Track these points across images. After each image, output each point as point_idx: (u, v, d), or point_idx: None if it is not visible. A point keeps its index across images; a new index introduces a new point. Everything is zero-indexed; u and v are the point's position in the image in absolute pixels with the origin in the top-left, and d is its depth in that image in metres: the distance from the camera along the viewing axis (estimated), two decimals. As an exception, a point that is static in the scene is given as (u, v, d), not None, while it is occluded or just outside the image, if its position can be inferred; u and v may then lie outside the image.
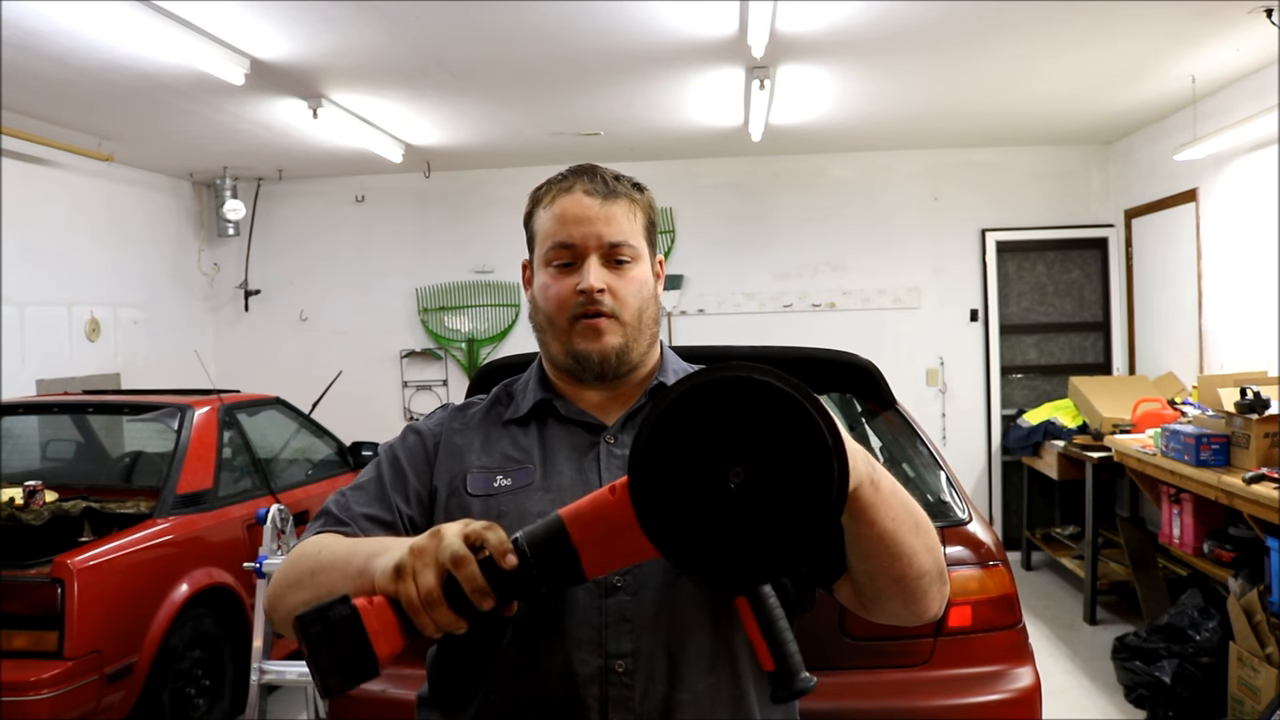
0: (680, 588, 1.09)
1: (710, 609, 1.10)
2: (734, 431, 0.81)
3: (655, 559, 0.87)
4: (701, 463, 0.81)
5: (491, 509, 1.14)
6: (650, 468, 0.82)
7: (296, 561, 1.08)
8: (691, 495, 0.81)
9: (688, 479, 0.81)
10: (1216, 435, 3.81)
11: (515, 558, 0.88)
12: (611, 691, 1.07)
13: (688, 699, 1.08)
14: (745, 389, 0.81)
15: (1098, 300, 6.35)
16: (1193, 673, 3.56)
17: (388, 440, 1.28)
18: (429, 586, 0.87)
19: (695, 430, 0.81)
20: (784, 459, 0.81)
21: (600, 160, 1.30)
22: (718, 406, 0.81)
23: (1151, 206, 5.69)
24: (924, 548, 1.05)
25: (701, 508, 0.81)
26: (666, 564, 1.00)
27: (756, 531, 0.81)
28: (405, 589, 0.87)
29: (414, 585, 0.87)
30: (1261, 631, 3.30)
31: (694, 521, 0.82)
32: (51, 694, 2.91)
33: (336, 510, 1.17)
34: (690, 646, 1.09)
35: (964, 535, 2.37)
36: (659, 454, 0.82)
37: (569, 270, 1.19)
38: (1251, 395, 3.60)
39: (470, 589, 0.86)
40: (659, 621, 1.08)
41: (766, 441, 0.81)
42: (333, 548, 1.05)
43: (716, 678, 1.10)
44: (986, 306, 6.37)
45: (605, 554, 0.90)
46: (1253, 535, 3.62)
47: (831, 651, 2.22)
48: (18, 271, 4.86)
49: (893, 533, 1.00)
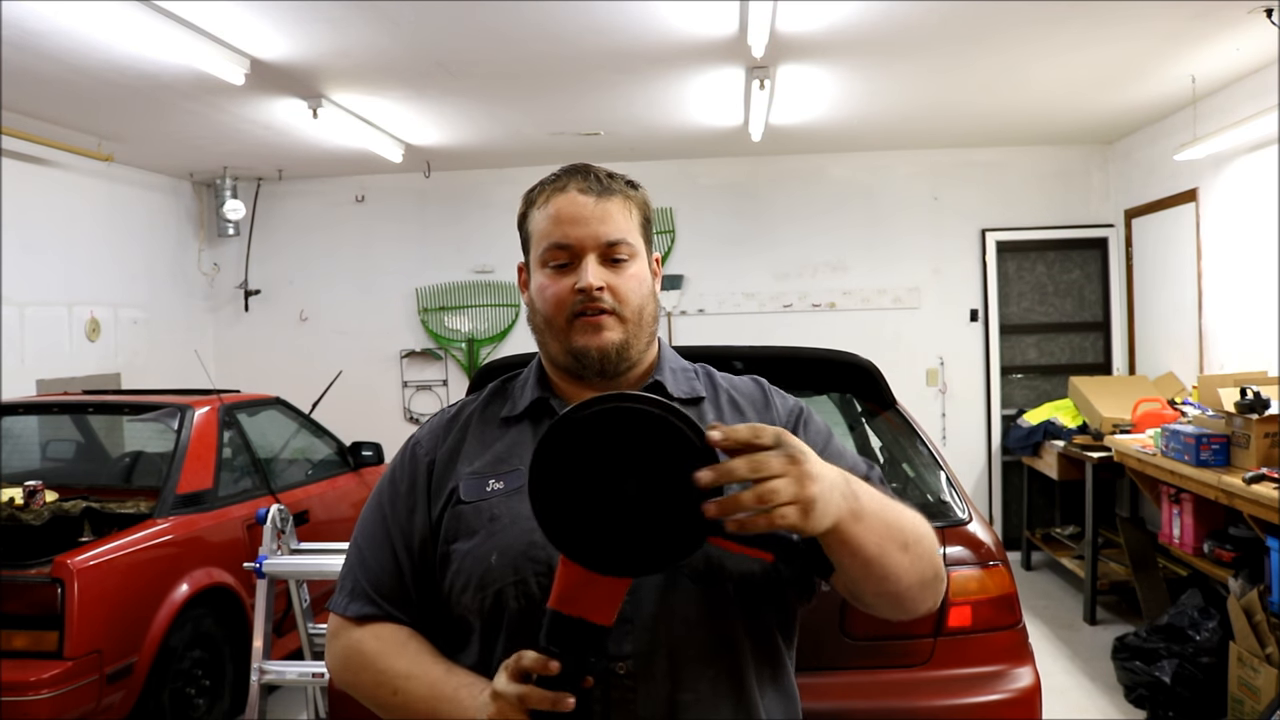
0: (679, 588, 1.09)
1: (709, 608, 1.09)
2: (620, 451, 0.92)
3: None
4: (595, 474, 0.92)
5: (484, 513, 1.15)
6: (542, 490, 0.94)
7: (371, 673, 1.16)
8: (587, 505, 0.93)
9: (579, 493, 0.93)
10: (1216, 435, 3.81)
11: (556, 662, 0.96)
12: (614, 693, 1.07)
13: (690, 698, 1.08)
14: (623, 416, 0.92)
15: (1098, 300, 6.35)
16: (1193, 673, 3.56)
17: (390, 463, 1.29)
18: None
19: (583, 453, 0.93)
20: (665, 469, 0.91)
21: (600, 160, 1.29)
22: (599, 432, 0.92)
23: (1151, 206, 5.69)
24: (914, 561, 1.05)
25: (597, 516, 0.93)
26: None
27: (649, 529, 0.92)
28: None
29: None
30: (1261, 631, 3.30)
31: (591, 527, 0.93)
32: (51, 694, 2.90)
33: (365, 582, 1.20)
34: (690, 646, 1.09)
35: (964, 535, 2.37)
36: (547, 477, 0.93)
37: (566, 270, 1.18)
38: (1251, 395, 3.60)
39: (550, 707, 0.95)
40: (658, 622, 1.08)
41: (649, 457, 0.91)
42: (409, 694, 1.11)
43: (718, 676, 1.09)
44: (986, 306, 6.37)
45: (602, 603, 0.97)
46: (1253, 535, 3.62)
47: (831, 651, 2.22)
48: (18, 271, 4.86)
49: (879, 558, 1.01)
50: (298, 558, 3.18)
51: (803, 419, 1.25)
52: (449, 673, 1.11)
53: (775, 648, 1.16)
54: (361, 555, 1.22)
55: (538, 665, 0.96)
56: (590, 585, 0.96)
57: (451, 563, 1.15)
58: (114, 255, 5.71)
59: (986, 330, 6.38)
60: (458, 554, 1.15)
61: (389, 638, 1.16)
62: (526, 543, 1.09)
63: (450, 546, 1.16)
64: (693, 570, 1.09)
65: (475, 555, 1.13)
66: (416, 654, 1.14)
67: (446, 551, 1.16)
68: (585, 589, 0.96)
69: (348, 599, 1.20)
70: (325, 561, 3.15)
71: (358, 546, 1.23)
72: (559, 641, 0.97)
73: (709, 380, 1.29)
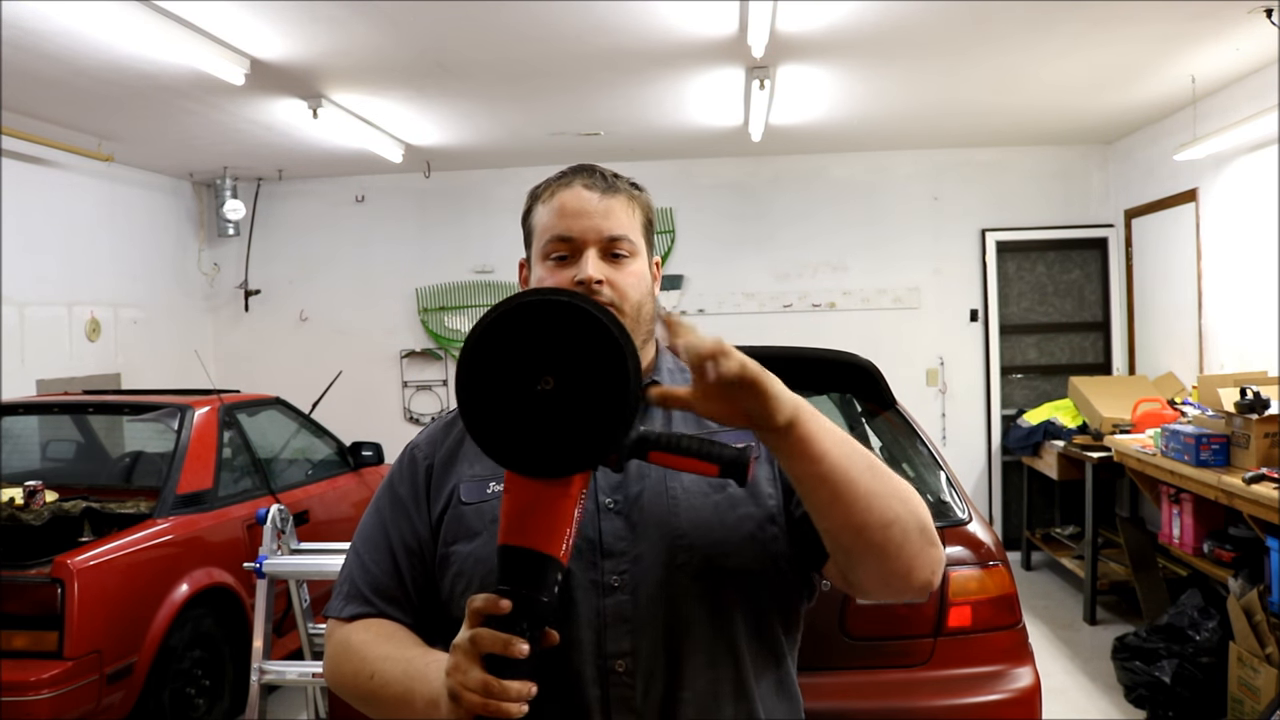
0: (677, 585, 1.09)
1: (709, 606, 1.09)
2: (542, 345, 0.94)
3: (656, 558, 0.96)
4: (514, 373, 0.94)
5: (485, 515, 1.14)
6: (470, 386, 0.95)
7: (353, 662, 1.14)
8: (509, 403, 0.94)
9: (503, 388, 0.94)
10: (1216, 435, 3.81)
11: (505, 600, 0.94)
12: (613, 692, 1.07)
13: (689, 696, 1.08)
14: (547, 309, 0.94)
15: (1098, 300, 6.35)
16: (1193, 673, 3.56)
17: (389, 470, 1.28)
18: (479, 679, 0.93)
19: (508, 346, 0.94)
20: (586, 363, 0.93)
21: (600, 160, 1.29)
22: (525, 326, 0.94)
23: (1151, 206, 5.69)
24: (886, 493, 1.00)
25: (519, 411, 0.94)
26: (663, 562, 1.08)
27: (568, 426, 0.93)
28: (469, 700, 0.93)
29: (471, 692, 0.93)
30: (1261, 631, 3.30)
31: (512, 423, 0.94)
32: (51, 694, 2.90)
33: (362, 584, 1.20)
34: (689, 643, 1.09)
35: (964, 535, 2.37)
36: (475, 369, 0.95)
37: (566, 263, 1.18)
38: (1251, 395, 3.60)
39: (501, 649, 0.92)
40: (656, 620, 1.08)
41: (571, 351, 0.93)
42: (385, 676, 1.10)
43: (717, 674, 1.09)
44: (986, 306, 6.37)
45: (546, 530, 0.96)
46: (1253, 535, 3.62)
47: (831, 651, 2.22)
48: (18, 271, 4.86)
49: (843, 470, 0.97)
50: (298, 558, 3.18)
51: None
52: (425, 652, 1.10)
53: (777, 647, 1.16)
54: (360, 560, 1.21)
55: (488, 605, 0.94)
56: (532, 507, 0.96)
57: (451, 564, 1.15)
58: (114, 255, 5.71)
59: (986, 330, 6.38)
60: (458, 556, 1.14)
61: (377, 629, 1.16)
62: None
63: (450, 548, 1.15)
64: (693, 569, 1.09)
65: (477, 557, 1.12)
66: (400, 642, 1.13)
67: (446, 553, 1.16)
68: (529, 513, 0.96)
69: (343, 602, 1.20)
70: (325, 561, 3.15)
71: (356, 552, 1.23)
72: (510, 578, 0.95)
73: None
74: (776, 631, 1.15)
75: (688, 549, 1.09)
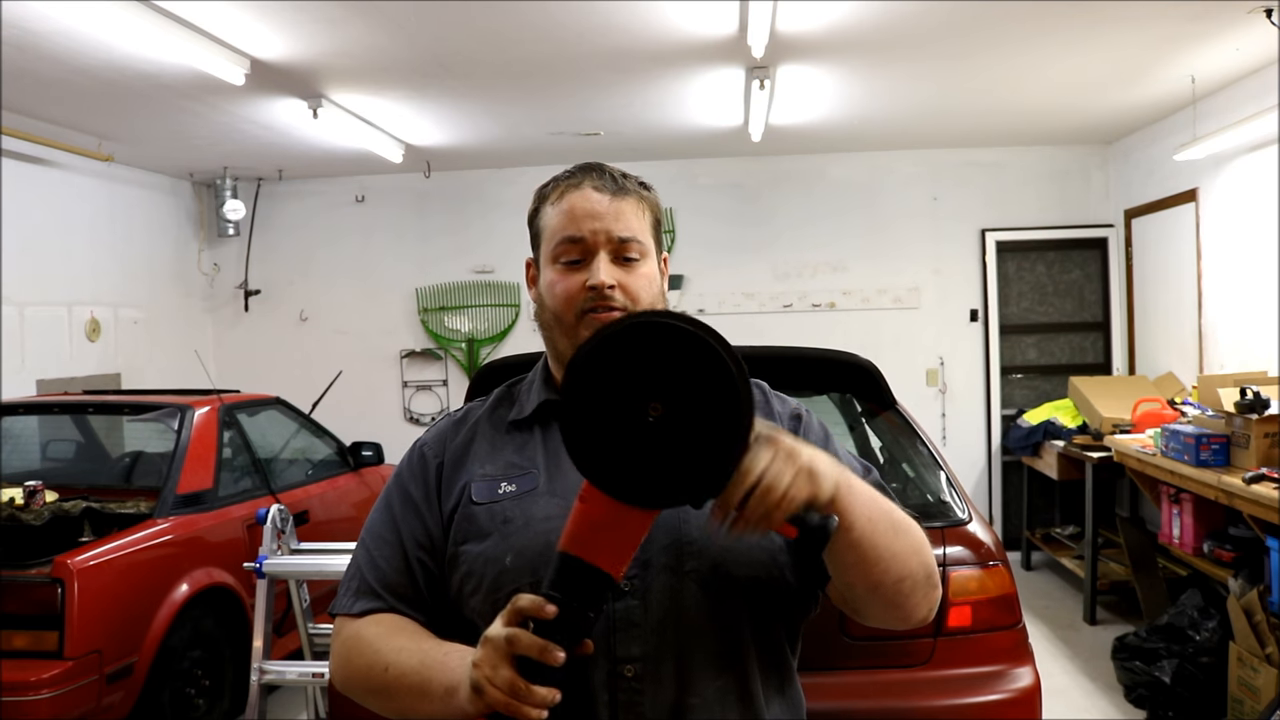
0: (685, 591, 1.09)
1: (717, 613, 1.09)
2: (652, 371, 0.89)
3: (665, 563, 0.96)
4: (623, 399, 0.89)
5: (496, 515, 1.14)
6: (576, 405, 0.91)
7: (366, 656, 1.12)
8: (615, 427, 0.90)
9: (611, 413, 0.90)
10: (1216, 435, 3.81)
11: (553, 606, 0.92)
12: (621, 696, 1.07)
13: (697, 702, 1.08)
14: (660, 333, 0.90)
15: (1098, 300, 6.35)
16: (1193, 673, 3.56)
17: (397, 466, 1.27)
18: (507, 679, 0.92)
19: (616, 370, 0.90)
20: (698, 393, 0.89)
21: (600, 160, 1.29)
22: (636, 349, 0.90)
23: (1151, 206, 5.69)
24: (905, 551, 1.05)
25: (625, 438, 0.90)
26: (672, 567, 1.08)
27: (675, 458, 0.89)
28: (493, 696, 0.92)
29: (496, 689, 0.92)
30: (1261, 631, 3.30)
31: (618, 450, 0.90)
32: (51, 694, 2.90)
33: (372, 580, 1.18)
34: (697, 649, 1.09)
35: (964, 535, 2.37)
36: (583, 392, 0.90)
37: (577, 267, 1.17)
38: (1251, 395, 3.60)
39: (537, 654, 0.91)
40: (665, 625, 1.08)
41: (682, 379, 0.89)
42: (401, 667, 1.08)
43: (724, 680, 1.09)
44: (986, 306, 6.37)
45: (614, 549, 0.94)
46: (1253, 535, 3.62)
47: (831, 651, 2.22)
48: (18, 271, 4.86)
49: (870, 536, 1.01)
50: (298, 558, 3.18)
51: (802, 422, 1.25)
52: (441, 644, 1.09)
53: (781, 652, 1.16)
54: (370, 557, 1.20)
55: (534, 607, 0.93)
56: (608, 526, 0.93)
57: (460, 565, 1.14)
58: (114, 255, 5.71)
59: (986, 330, 6.38)
60: (468, 556, 1.14)
61: (388, 622, 1.15)
62: (543, 544, 1.07)
63: (460, 548, 1.15)
64: (701, 575, 1.09)
65: (487, 557, 1.12)
66: (413, 634, 1.12)
67: (456, 552, 1.15)
68: (602, 530, 0.93)
69: (353, 598, 1.18)
70: (325, 561, 3.15)
71: (365, 549, 1.21)
72: (562, 586, 0.93)
73: None
74: (781, 637, 1.16)
75: (696, 555, 1.09)
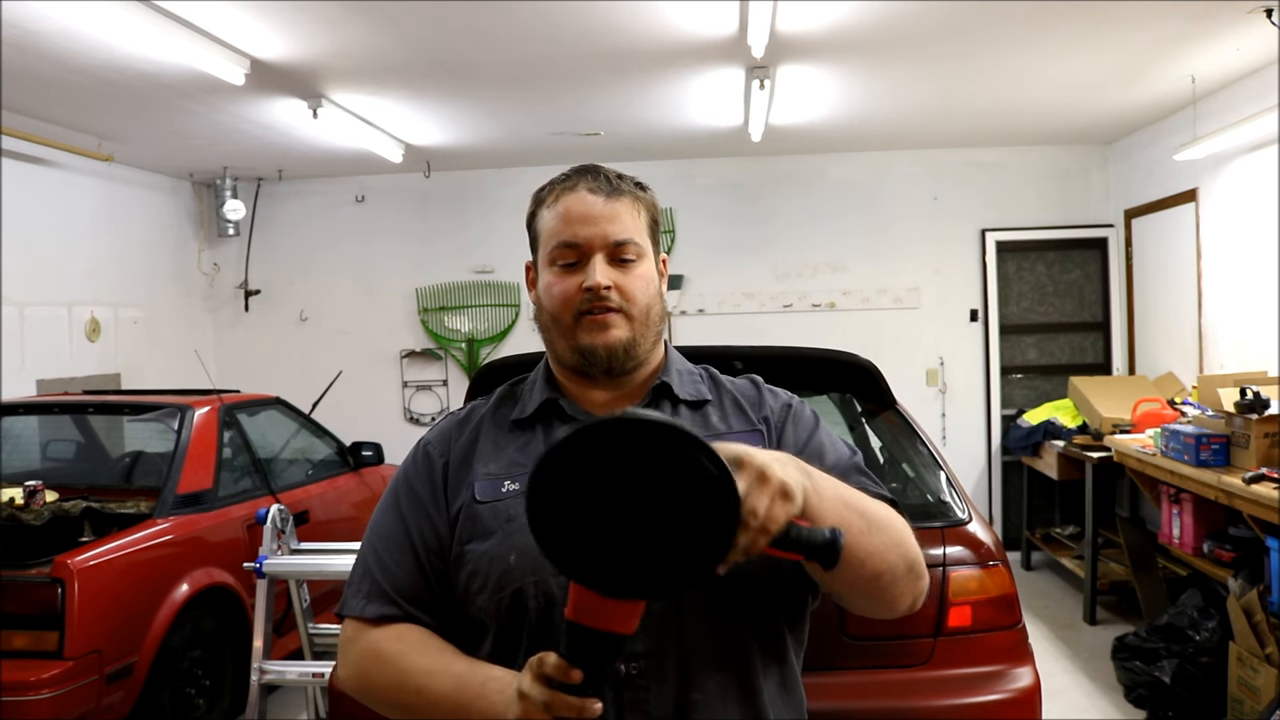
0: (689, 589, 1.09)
1: (719, 609, 1.10)
2: (627, 471, 0.87)
3: None
4: (597, 493, 0.87)
5: (500, 514, 1.14)
6: (542, 508, 0.89)
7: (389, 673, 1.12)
8: (592, 527, 0.88)
9: (583, 514, 0.88)
10: (1216, 435, 3.81)
11: (578, 670, 0.94)
12: (626, 694, 1.07)
13: (700, 698, 1.08)
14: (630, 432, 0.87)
15: (1098, 300, 6.35)
16: (1193, 673, 3.56)
17: (402, 465, 1.27)
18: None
19: (589, 470, 0.88)
20: (673, 494, 0.87)
21: (600, 160, 1.29)
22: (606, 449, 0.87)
23: (1151, 206, 5.69)
24: (881, 548, 1.04)
25: (602, 536, 0.88)
26: None
27: (656, 552, 0.88)
28: None
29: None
30: (1261, 631, 3.30)
31: (596, 548, 0.88)
32: (51, 694, 2.90)
33: (384, 582, 1.17)
34: (699, 645, 1.09)
35: (964, 535, 2.37)
36: (548, 495, 0.89)
37: (574, 269, 1.18)
38: (1251, 395, 3.60)
39: (577, 715, 0.93)
40: (667, 622, 1.08)
41: (656, 480, 0.87)
42: (434, 692, 1.09)
43: (726, 676, 1.10)
44: (986, 306, 6.37)
45: (622, 616, 0.94)
46: (1252, 535, 3.62)
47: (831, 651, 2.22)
48: (18, 271, 4.86)
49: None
50: (298, 558, 3.18)
51: (792, 412, 1.26)
52: (473, 668, 1.09)
53: (784, 649, 1.17)
54: (379, 557, 1.19)
55: (559, 673, 0.94)
56: (605, 603, 0.93)
57: (466, 564, 1.15)
58: (114, 255, 5.71)
59: (986, 330, 6.38)
60: (472, 555, 1.14)
61: (411, 638, 1.14)
62: None
63: (465, 547, 1.15)
64: None
65: (492, 555, 1.12)
66: (439, 651, 1.12)
67: (461, 552, 1.16)
68: (601, 606, 0.93)
69: (365, 600, 1.17)
70: (325, 561, 3.16)
71: (373, 549, 1.20)
72: (578, 651, 0.94)
73: (713, 383, 1.30)
74: (782, 630, 1.16)
75: None
